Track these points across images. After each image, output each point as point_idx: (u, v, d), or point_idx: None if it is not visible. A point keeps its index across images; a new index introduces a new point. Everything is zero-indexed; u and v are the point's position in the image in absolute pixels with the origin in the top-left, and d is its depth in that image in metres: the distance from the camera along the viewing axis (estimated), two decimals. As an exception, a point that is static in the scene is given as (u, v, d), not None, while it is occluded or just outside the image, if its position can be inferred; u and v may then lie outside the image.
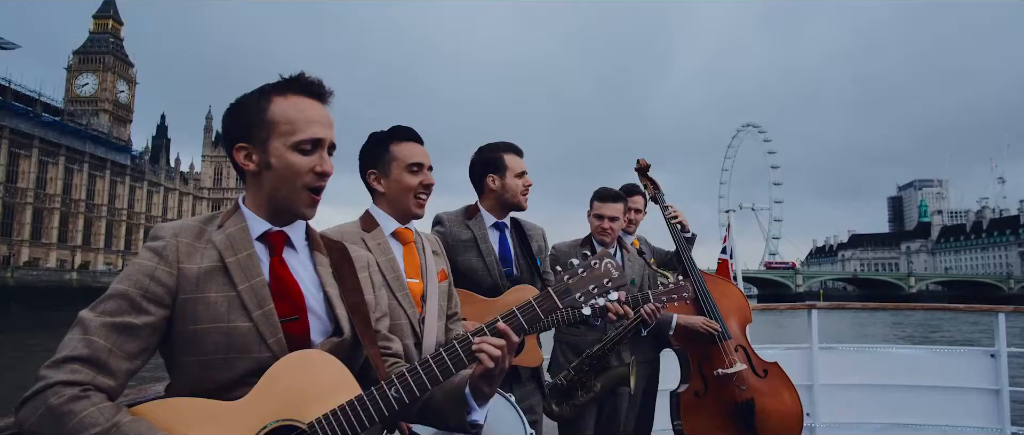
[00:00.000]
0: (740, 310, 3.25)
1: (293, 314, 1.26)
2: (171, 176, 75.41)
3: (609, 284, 1.39)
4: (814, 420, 4.04)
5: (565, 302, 1.37)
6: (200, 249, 1.25)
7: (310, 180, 1.28)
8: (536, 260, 2.52)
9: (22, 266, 49.98)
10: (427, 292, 1.89)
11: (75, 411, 1.04)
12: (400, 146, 1.89)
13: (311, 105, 1.30)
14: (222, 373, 1.19)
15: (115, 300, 1.16)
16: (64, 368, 1.08)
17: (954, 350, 4.32)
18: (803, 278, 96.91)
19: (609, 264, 1.40)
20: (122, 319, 1.14)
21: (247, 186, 1.34)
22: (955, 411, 4.04)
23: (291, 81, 1.31)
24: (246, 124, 1.28)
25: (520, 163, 2.47)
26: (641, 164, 3.49)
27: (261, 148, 1.28)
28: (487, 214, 2.47)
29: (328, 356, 1.25)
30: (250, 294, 1.22)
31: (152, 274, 1.19)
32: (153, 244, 1.24)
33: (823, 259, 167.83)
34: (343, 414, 1.20)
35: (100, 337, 1.12)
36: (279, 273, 1.28)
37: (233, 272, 1.23)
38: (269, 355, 1.21)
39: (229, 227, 1.29)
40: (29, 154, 55.53)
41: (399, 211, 1.91)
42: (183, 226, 1.27)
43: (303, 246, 1.37)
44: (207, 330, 1.19)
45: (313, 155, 1.28)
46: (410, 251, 1.92)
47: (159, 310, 1.18)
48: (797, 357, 4.14)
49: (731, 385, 3.01)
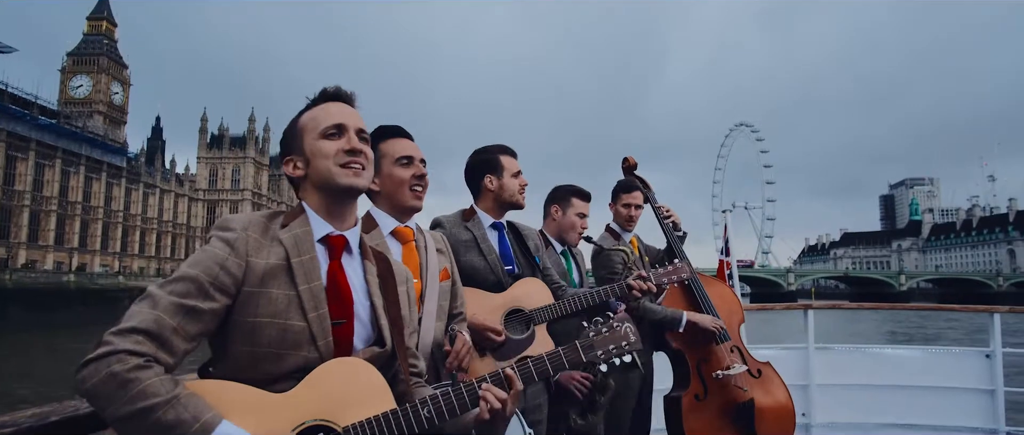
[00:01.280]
0: (734, 311, 3.28)
1: (342, 318, 1.32)
2: (167, 178, 75.20)
3: (626, 346, 1.53)
4: (810, 420, 4.06)
5: (589, 357, 1.50)
6: (267, 245, 1.30)
7: (341, 158, 1.35)
8: (535, 259, 2.56)
9: (20, 268, 50.00)
10: (425, 291, 1.90)
11: (140, 379, 1.08)
12: (387, 143, 1.92)
13: (332, 104, 1.42)
14: (271, 366, 1.24)
15: (185, 282, 1.20)
16: (130, 337, 1.11)
17: (950, 350, 4.34)
18: (795, 276, 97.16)
19: (628, 329, 1.54)
20: (190, 301, 1.18)
21: (303, 191, 1.41)
22: (950, 411, 4.05)
23: (317, 96, 1.44)
24: (288, 141, 1.42)
25: (515, 163, 2.53)
26: (629, 162, 3.51)
27: (300, 153, 1.39)
28: (485, 215, 2.50)
29: (370, 366, 1.30)
30: (309, 296, 1.28)
31: (223, 263, 1.23)
32: (225, 235, 1.28)
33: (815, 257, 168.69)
34: (376, 424, 1.24)
35: (168, 314, 1.16)
36: (336, 278, 1.34)
37: (296, 273, 1.29)
38: (316, 356, 1.27)
39: (295, 228, 1.35)
40: (26, 157, 55.48)
41: (397, 207, 1.93)
42: (251, 220, 1.33)
43: (356, 252, 1.44)
44: (265, 324, 1.24)
45: (339, 138, 1.37)
46: (409, 250, 1.94)
47: (223, 298, 1.23)
48: (793, 357, 4.16)
49: (731, 386, 3.02)
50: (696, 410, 3.00)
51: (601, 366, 1.50)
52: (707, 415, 3.00)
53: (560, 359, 1.47)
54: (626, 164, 3.50)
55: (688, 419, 2.98)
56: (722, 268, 6.39)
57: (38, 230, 57.62)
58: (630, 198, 3.34)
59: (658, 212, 3.38)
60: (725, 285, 3.55)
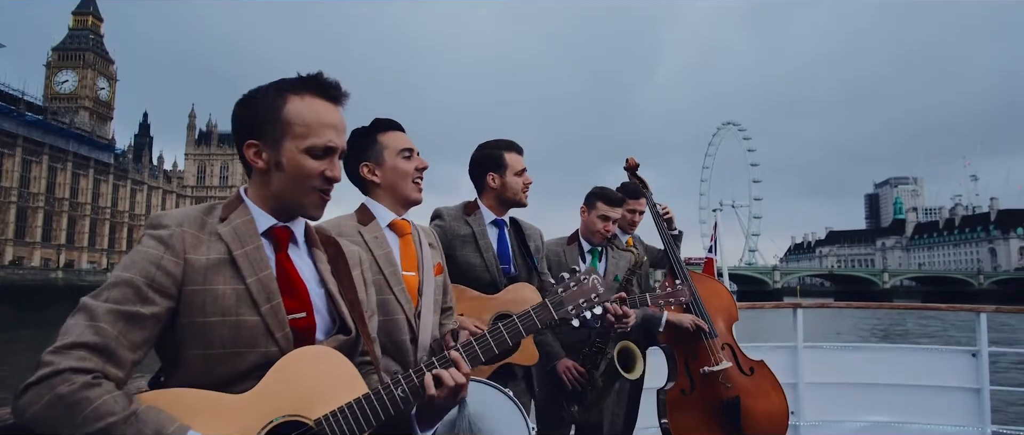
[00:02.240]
0: (726, 309, 3.28)
1: (300, 310, 1.26)
2: (154, 174, 74.92)
3: (595, 299, 1.51)
4: (799, 418, 4.05)
5: (560, 314, 1.48)
6: (205, 240, 1.22)
7: (319, 184, 1.28)
8: (534, 259, 2.52)
9: (8, 265, 49.80)
10: (423, 285, 1.88)
11: (90, 398, 1.00)
12: (387, 135, 1.89)
13: (327, 109, 1.29)
14: (228, 367, 1.17)
15: (121, 288, 1.11)
16: (72, 354, 1.03)
17: (937, 349, 4.37)
18: (780, 274, 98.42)
19: (595, 280, 1.52)
20: (128, 308, 1.10)
21: (252, 181, 1.32)
22: (938, 410, 4.07)
23: (309, 80, 1.29)
24: (259, 121, 1.27)
25: (520, 161, 2.48)
26: (630, 163, 3.53)
27: (273, 147, 1.26)
28: (486, 211, 2.47)
29: (336, 353, 1.25)
30: (258, 287, 1.21)
31: (159, 263, 1.15)
32: (158, 233, 1.19)
33: (801, 255, 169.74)
34: (351, 411, 1.20)
35: (108, 324, 1.07)
36: (285, 269, 1.28)
37: (241, 265, 1.21)
38: (276, 350, 1.20)
39: (234, 220, 1.27)
40: (13, 153, 55.18)
41: (398, 199, 1.90)
42: (186, 215, 1.24)
43: (303, 243, 1.37)
44: (215, 323, 1.16)
45: (324, 160, 1.28)
46: (407, 243, 1.91)
47: (164, 301, 1.14)
48: (782, 356, 4.15)
49: (717, 383, 3.03)
50: (681, 404, 3.04)
51: (574, 321, 1.51)
52: (692, 409, 3.04)
53: (531, 318, 1.46)
54: (628, 165, 3.54)
55: (673, 413, 3.02)
56: (710, 265, 6.61)
57: (25, 227, 57.33)
58: (636, 204, 3.38)
59: (656, 213, 3.40)
60: (720, 283, 3.57)
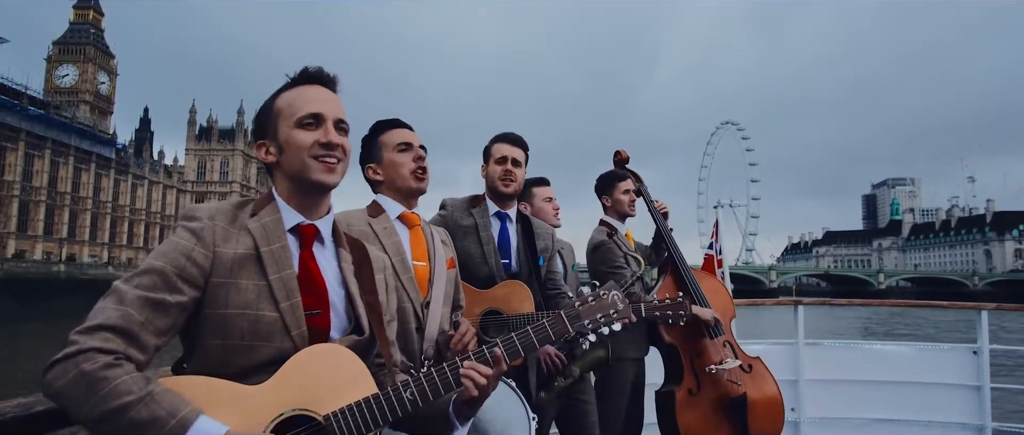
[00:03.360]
0: (725, 306, 3.27)
1: (317, 308, 1.29)
2: (155, 169, 75.08)
3: (614, 315, 1.47)
4: (799, 415, 4.05)
5: (575, 327, 1.45)
6: (235, 234, 1.26)
7: (317, 151, 1.30)
8: (540, 258, 2.48)
9: (10, 258, 50.03)
10: (434, 276, 1.90)
11: (110, 378, 1.04)
12: (387, 133, 1.96)
13: (312, 88, 1.34)
14: (243, 358, 1.20)
15: (151, 275, 1.15)
16: (97, 335, 1.07)
17: (938, 346, 4.35)
18: (776, 274, 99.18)
19: (616, 297, 1.49)
20: (157, 295, 1.14)
21: (274, 178, 1.37)
22: (938, 406, 4.07)
23: (297, 77, 1.36)
24: (262, 122, 1.35)
25: (504, 149, 2.47)
26: (621, 156, 3.45)
27: (273, 138, 1.33)
28: (490, 203, 2.48)
29: (349, 352, 1.27)
30: (280, 285, 1.24)
31: (189, 254, 1.19)
32: (191, 225, 1.23)
33: (798, 255, 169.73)
34: (359, 410, 1.22)
35: (135, 309, 1.11)
36: (308, 267, 1.31)
37: (266, 262, 1.25)
38: (291, 346, 1.23)
39: (264, 216, 1.30)
40: (16, 147, 55.43)
41: (401, 192, 1.94)
42: (218, 209, 1.28)
43: (329, 241, 1.40)
44: (235, 316, 1.20)
45: (316, 129, 1.31)
46: (416, 234, 1.94)
47: (192, 291, 1.18)
48: (783, 352, 4.16)
49: (724, 381, 3.01)
50: (690, 404, 3.01)
51: (590, 336, 1.48)
52: (701, 409, 3.01)
53: (545, 330, 1.42)
54: (618, 158, 3.47)
55: (682, 413, 2.99)
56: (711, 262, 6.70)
57: (27, 220, 57.61)
58: (626, 185, 3.30)
59: (652, 206, 3.37)
60: (717, 280, 3.57)
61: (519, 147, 2.51)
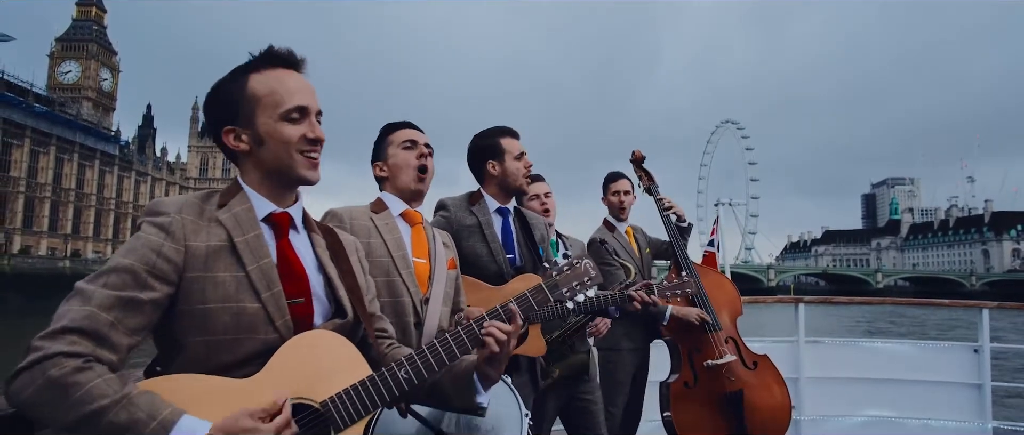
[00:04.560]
0: (731, 302, 3.27)
1: (298, 296, 1.26)
2: (158, 166, 75.66)
3: (588, 282, 1.54)
4: (800, 413, 4.03)
5: (555, 296, 1.50)
6: (204, 227, 1.22)
7: (303, 146, 1.28)
8: (539, 249, 2.49)
9: (17, 254, 50.50)
10: (434, 274, 1.90)
11: (80, 383, 0.98)
12: (394, 133, 2.00)
13: (289, 75, 1.30)
14: (228, 353, 1.17)
15: (119, 274, 1.10)
16: (63, 339, 1.02)
17: (938, 345, 4.34)
18: (775, 272, 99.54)
19: (588, 265, 1.56)
20: (126, 293, 1.09)
21: (242, 167, 1.32)
22: (938, 405, 4.06)
23: (263, 57, 1.30)
24: (230, 106, 1.27)
25: (517, 145, 2.46)
26: (636, 155, 3.55)
27: (249, 126, 1.27)
28: (490, 200, 2.46)
29: (338, 336, 1.26)
30: (259, 275, 1.21)
31: (159, 250, 1.15)
32: (158, 220, 1.19)
33: (797, 254, 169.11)
34: (355, 393, 1.20)
35: (102, 309, 1.06)
36: (286, 255, 1.28)
37: (242, 252, 1.22)
38: (276, 336, 1.21)
39: (234, 206, 1.27)
40: (21, 144, 55.89)
41: (403, 190, 1.96)
42: (185, 202, 1.24)
43: (302, 228, 1.38)
44: (216, 310, 1.17)
45: (302, 123, 1.28)
46: (418, 232, 1.95)
47: (164, 287, 1.14)
48: (783, 350, 4.13)
49: (720, 376, 3.04)
50: (684, 397, 3.04)
51: (568, 303, 1.57)
52: (695, 402, 3.04)
53: (527, 300, 1.46)
54: (633, 157, 3.56)
55: (676, 405, 3.03)
56: (712, 259, 6.68)
57: (32, 216, 58.04)
58: (618, 186, 3.44)
59: (660, 204, 3.44)
60: (725, 276, 3.61)
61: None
